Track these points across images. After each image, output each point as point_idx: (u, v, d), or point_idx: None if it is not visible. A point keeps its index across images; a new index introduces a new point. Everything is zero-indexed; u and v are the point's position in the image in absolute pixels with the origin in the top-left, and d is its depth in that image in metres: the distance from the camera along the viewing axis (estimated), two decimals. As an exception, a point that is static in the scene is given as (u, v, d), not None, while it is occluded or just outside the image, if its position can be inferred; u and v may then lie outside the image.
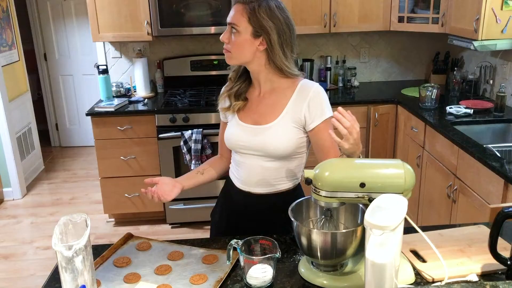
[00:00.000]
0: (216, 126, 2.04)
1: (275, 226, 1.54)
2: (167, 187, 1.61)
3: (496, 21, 2.77)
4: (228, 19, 1.52)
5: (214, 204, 1.86)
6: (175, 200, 3.55)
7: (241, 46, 1.50)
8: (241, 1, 1.51)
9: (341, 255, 1.26)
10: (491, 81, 3.27)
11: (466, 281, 1.24)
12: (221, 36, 1.54)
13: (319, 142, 1.56)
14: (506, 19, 2.76)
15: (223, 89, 1.69)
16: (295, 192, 1.65)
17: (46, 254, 3.39)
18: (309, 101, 1.54)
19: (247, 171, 1.63)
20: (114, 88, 3.78)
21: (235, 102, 1.61)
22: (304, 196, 1.44)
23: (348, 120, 1.34)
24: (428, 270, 1.29)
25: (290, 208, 1.34)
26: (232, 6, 1.55)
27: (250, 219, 1.64)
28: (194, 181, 1.71)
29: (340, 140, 1.34)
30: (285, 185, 1.63)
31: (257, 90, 1.62)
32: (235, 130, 1.62)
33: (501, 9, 2.74)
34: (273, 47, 1.50)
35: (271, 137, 1.54)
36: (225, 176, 1.80)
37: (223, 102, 1.67)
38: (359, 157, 1.38)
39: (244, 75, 1.63)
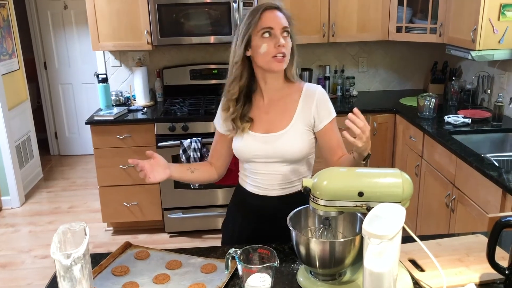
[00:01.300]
0: (215, 135, 2.04)
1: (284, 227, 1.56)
2: (159, 169, 1.59)
3: (493, 32, 2.79)
4: (277, 24, 1.50)
5: (212, 214, 1.86)
6: (174, 209, 3.57)
7: (291, 49, 1.55)
8: (278, 8, 1.54)
9: (340, 264, 1.26)
10: (488, 91, 3.28)
11: (465, 291, 1.24)
12: (282, 41, 1.50)
13: (328, 141, 1.61)
14: (503, 30, 2.78)
15: (223, 112, 1.65)
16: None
17: (44, 263, 3.37)
18: (316, 103, 1.59)
19: (264, 177, 1.64)
20: (113, 97, 3.79)
21: (243, 124, 1.60)
22: None
23: (362, 120, 1.38)
24: (427, 280, 1.29)
25: (288, 217, 1.34)
26: (264, 15, 1.51)
27: (269, 222, 1.64)
28: (182, 175, 1.69)
29: (354, 139, 1.37)
30: (299, 185, 1.58)
31: (265, 99, 1.63)
32: (248, 142, 1.61)
33: (498, 19, 2.77)
34: (296, 51, 1.58)
35: (287, 142, 1.57)
36: (232, 185, 1.81)
37: (225, 121, 1.65)
38: (368, 154, 1.43)
39: (243, 97, 1.62)
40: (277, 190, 1.64)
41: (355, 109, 1.39)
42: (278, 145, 1.58)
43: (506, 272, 1.23)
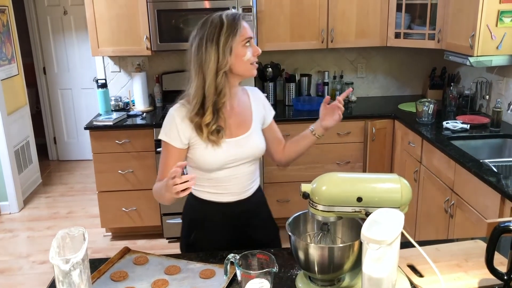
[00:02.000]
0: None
1: (265, 213, 1.83)
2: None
3: (491, 38, 2.80)
4: (251, 33, 1.57)
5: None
6: (173, 214, 3.56)
7: None
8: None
9: (338, 270, 1.26)
10: (487, 97, 3.29)
11: (463, 296, 1.24)
12: (254, 52, 1.58)
13: (274, 133, 1.81)
14: (501, 36, 2.80)
15: (185, 123, 1.57)
16: (260, 187, 1.82)
17: (42, 268, 3.36)
18: (263, 103, 1.77)
19: (238, 181, 1.67)
20: (112, 102, 3.80)
21: (219, 135, 1.57)
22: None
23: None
24: (425, 285, 1.29)
25: (287, 223, 1.34)
26: (242, 24, 1.55)
27: (251, 220, 1.73)
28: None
29: (336, 120, 1.70)
30: (257, 181, 1.78)
31: (227, 106, 1.61)
32: (219, 150, 1.58)
33: (496, 25, 2.78)
34: None
35: (255, 141, 1.67)
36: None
37: (186, 137, 1.58)
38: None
39: (202, 107, 1.56)
40: (249, 191, 1.71)
41: (340, 98, 1.68)
42: (249, 146, 1.65)
43: (505, 277, 1.23)
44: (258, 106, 1.73)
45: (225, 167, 1.62)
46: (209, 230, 1.71)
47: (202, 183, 1.67)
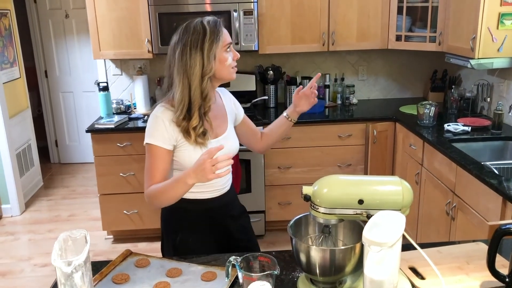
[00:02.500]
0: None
1: (238, 202, 1.91)
2: None
3: (492, 40, 2.80)
4: (230, 39, 1.66)
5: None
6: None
7: None
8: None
9: (340, 272, 1.26)
10: (488, 99, 3.29)
11: (465, 299, 1.24)
12: (234, 57, 1.66)
13: (248, 127, 1.92)
14: (502, 38, 2.80)
15: (171, 125, 1.60)
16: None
17: (44, 271, 3.36)
18: (233, 101, 1.86)
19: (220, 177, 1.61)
20: (114, 105, 3.81)
21: (202, 139, 1.61)
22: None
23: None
24: (427, 287, 1.29)
25: (289, 225, 1.35)
26: (223, 31, 1.63)
27: (230, 211, 1.84)
28: None
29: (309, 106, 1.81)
30: (230, 175, 1.83)
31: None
32: (203, 151, 1.59)
33: (497, 28, 2.78)
34: None
35: (234, 139, 1.78)
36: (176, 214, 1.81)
37: (172, 138, 1.61)
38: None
39: (188, 114, 1.60)
40: (227, 187, 1.80)
41: (314, 84, 1.80)
42: (229, 144, 1.71)
43: (507, 280, 1.23)
44: (230, 105, 1.83)
45: None
46: (193, 226, 1.76)
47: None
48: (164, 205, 1.67)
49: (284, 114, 1.86)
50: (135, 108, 3.86)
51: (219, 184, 1.75)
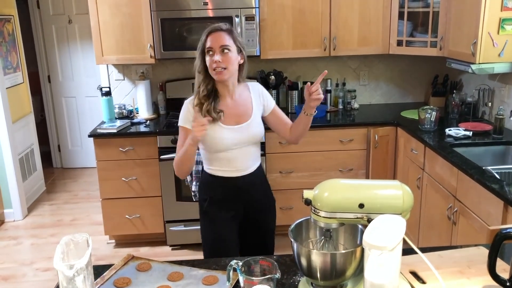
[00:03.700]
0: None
1: (264, 191, 2.16)
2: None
3: (493, 45, 2.81)
4: (217, 44, 1.90)
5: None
6: (176, 221, 3.57)
7: (233, 61, 1.94)
8: (219, 29, 1.93)
9: (341, 276, 1.27)
10: (489, 104, 3.30)
11: (466, 303, 1.24)
12: (216, 58, 1.89)
13: (278, 118, 2.14)
14: (503, 43, 2.81)
15: (191, 108, 1.99)
16: (261, 163, 2.16)
17: (46, 275, 3.37)
18: (263, 96, 2.10)
19: (240, 160, 2.02)
20: (116, 110, 3.82)
21: (216, 115, 1.95)
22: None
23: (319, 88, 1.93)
24: (428, 292, 1.30)
25: (290, 229, 1.35)
26: (208, 37, 1.93)
27: (249, 194, 2.08)
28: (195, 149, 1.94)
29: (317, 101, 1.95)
30: (259, 159, 2.13)
31: (227, 99, 2.02)
32: (223, 134, 1.96)
33: (498, 33, 2.79)
34: (246, 60, 2.02)
35: (255, 128, 2.03)
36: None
37: (200, 117, 1.92)
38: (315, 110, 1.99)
39: (211, 94, 1.99)
40: (249, 169, 2.05)
41: (317, 85, 1.93)
42: (249, 132, 2.00)
43: (507, 284, 1.23)
44: (257, 98, 2.08)
45: (231, 148, 1.98)
46: (219, 198, 2.06)
47: (213, 162, 2.03)
48: (184, 169, 2.00)
49: (302, 111, 2.04)
50: (137, 113, 3.88)
51: (239, 166, 2.02)
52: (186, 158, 1.92)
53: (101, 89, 3.78)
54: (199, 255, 3.48)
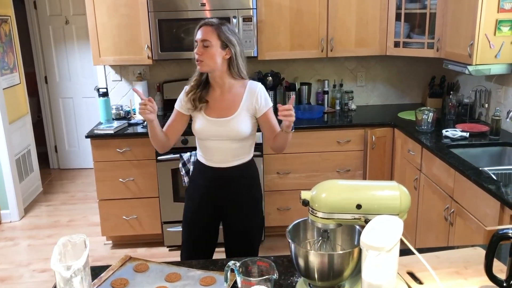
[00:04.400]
0: (215, 148, 2.13)
1: (241, 190, 2.16)
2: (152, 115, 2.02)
3: (490, 47, 2.82)
4: (199, 37, 2.00)
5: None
6: (173, 222, 3.56)
7: (213, 56, 1.99)
8: (207, 24, 2.02)
9: (338, 277, 1.27)
10: (486, 105, 3.31)
11: (463, 303, 1.24)
12: (195, 51, 2.00)
13: (267, 123, 2.13)
14: (500, 45, 2.82)
15: (185, 94, 2.13)
16: (253, 162, 2.21)
17: (43, 277, 3.36)
18: (257, 96, 2.09)
19: (219, 152, 2.10)
20: (114, 111, 3.82)
21: (200, 104, 2.07)
22: (256, 167, 2.23)
23: (290, 109, 1.89)
24: (425, 292, 1.30)
25: (287, 230, 1.35)
26: (197, 30, 2.04)
27: (226, 187, 2.14)
28: (157, 128, 2.08)
29: (287, 122, 1.94)
30: (245, 158, 2.15)
31: (217, 91, 2.10)
32: (204, 124, 2.07)
33: (494, 34, 2.80)
34: (237, 56, 2.04)
35: (235, 125, 2.05)
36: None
37: (188, 103, 2.11)
38: (293, 128, 1.98)
39: (204, 84, 2.10)
40: (227, 163, 2.11)
41: (287, 106, 1.89)
42: (229, 127, 2.05)
43: (504, 284, 1.24)
44: (250, 99, 2.09)
45: (210, 139, 2.09)
46: (199, 182, 2.19)
47: (200, 149, 2.17)
48: (154, 143, 2.14)
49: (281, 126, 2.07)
50: (134, 114, 3.87)
51: (219, 158, 2.11)
52: (150, 133, 2.09)
53: (98, 90, 3.77)
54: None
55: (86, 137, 3.43)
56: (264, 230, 3.65)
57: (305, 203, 1.30)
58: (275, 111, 1.99)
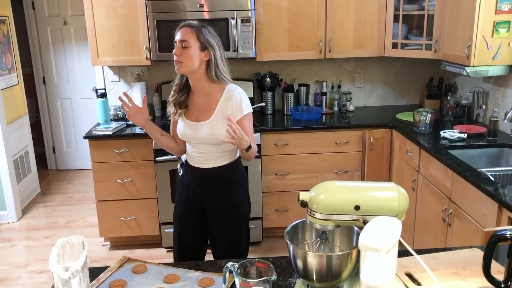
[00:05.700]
0: (213, 149, 2.13)
1: (220, 192, 2.17)
2: (139, 116, 2.16)
3: (488, 48, 2.83)
4: (178, 38, 2.02)
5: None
6: (171, 223, 3.53)
7: (191, 57, 2.00)
8: (188, 25, 2.05)
9: (337, 278, 1.27)
10: (484, 106, 3.32)
11: (461, 304, 1.25)
12: (174, 51, 2.02)
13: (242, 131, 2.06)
14: (497, 46, 2.83)
15: (169, 98, 2.18)
16: (235, 165, 2.21)
17: (41, 278, 3.35)
18: (233, 102, 2.07)
19: (199, 154, 2.15)
20: (112, 112, 3.81)
21: (180, 110, 2.11)
22: (243, 168, 2.26)
23: (235, 128, 1.90)
24: (423, 293, 1.30)
25: (286, 231, 1.35)
26: (177, 31, 2.06)
27: (205, 186, 2.18)
28: (154, 133, 2.21)
29: (230, 139, 1.93)
30: (225, 160, 2.16)
31: (195, 95, 2.13)
32: (184, 127, 2.13)
33: (492, 36, 2.81)
34: (216, 59, 2.04)
35: (209, 131, 2.07)
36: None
37: (171, 108, 2.16)
38: (249, 146, 2.01)
39: (185, 88, 2.14)
40: (207, 164, 2.15)
41: (232, 126, 1.90)
42: (202, 131, 2.08)
43: (502, 285, 1.24)
44: (226, 104, 2.08)
45: (188, 141, 2.17)
46: (186, 179, 2.25)
47: (187, 148, 2.22)
48: (162, 146, 2.28)
49: None
50: (133, 115, 3.86)
51: (198, 159, 2.16)
52: (153, 139, 2.22)
53: (96, 90, 3.77)
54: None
55: (84, 138, 3.42)
56: (262, 231, 3.65)
57: (304, 204, 1.31)
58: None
